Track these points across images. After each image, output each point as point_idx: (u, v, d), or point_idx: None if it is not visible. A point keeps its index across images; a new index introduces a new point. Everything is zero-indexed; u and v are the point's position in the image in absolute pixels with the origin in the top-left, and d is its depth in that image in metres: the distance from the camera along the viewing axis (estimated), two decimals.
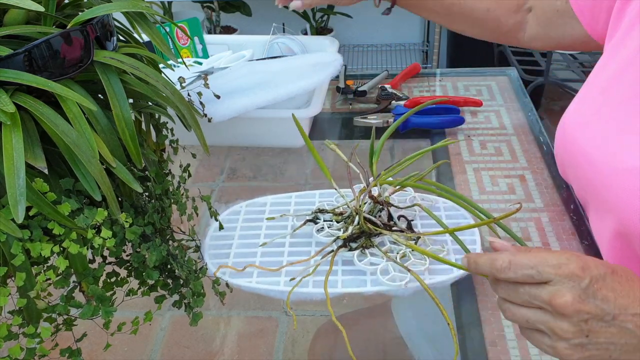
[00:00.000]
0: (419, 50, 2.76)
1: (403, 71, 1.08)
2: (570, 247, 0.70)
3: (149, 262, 0.48)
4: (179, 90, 0.52)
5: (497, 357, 0.58)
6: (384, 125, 0.94)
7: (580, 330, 0.45)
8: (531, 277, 0.46)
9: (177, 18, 2.56)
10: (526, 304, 0.47)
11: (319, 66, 0.90)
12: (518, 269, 0.46)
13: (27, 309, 0.44)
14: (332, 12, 2.63)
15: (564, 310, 0.45)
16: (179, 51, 1.06)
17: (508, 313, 0.49)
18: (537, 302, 0.46)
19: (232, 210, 0.76)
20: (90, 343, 0.52)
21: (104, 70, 0.45)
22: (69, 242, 0.43)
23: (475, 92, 1.04)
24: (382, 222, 0.68)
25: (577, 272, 0.45)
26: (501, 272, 0.47)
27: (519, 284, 0.47)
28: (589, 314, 0.45)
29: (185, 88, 0.60)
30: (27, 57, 0.41)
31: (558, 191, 0.79)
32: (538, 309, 0.47)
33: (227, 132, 0.90)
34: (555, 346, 0.47)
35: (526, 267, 0.46)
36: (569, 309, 0.45)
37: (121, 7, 0.47)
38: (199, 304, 0.54)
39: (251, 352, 0.71)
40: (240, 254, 0.69)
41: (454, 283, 0.65)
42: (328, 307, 0.60)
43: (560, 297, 0.45)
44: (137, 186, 0.45)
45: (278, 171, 0.91)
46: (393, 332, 0.78)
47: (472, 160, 0.87)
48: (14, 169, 0.38)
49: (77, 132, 0.41)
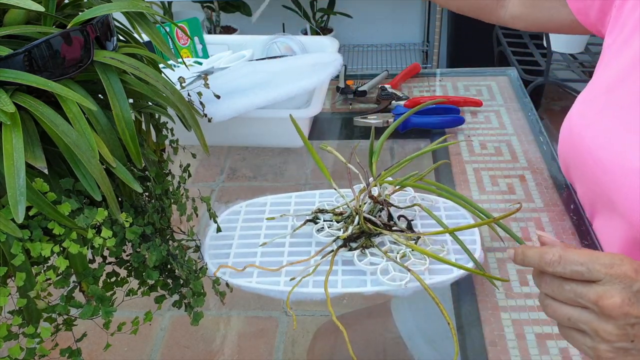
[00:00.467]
0: (419, 50, 2.76)
1: (403, 71, 1.08)
2: None
3: (149, 262, 0.48)
4: (179, 90, 0.52)
5: (497, 357, 0.58)
6: (384, 125, 0.94)
7: (625, 334, 0.44)
8: (580, 274, 0.44)
9: (177, 18, 2.56)
10: (570, 302, 0.46)
11: (319, 66, 0.90)
12: (568, 265, 0.45)
13: (27, 309, 0.44)
14: (332, 12, 2.63)
15: (611, 312, 0.43)
16: (179, 51, 1.06)
17: (549, 309, 0.48)
18: (582, 300, 0.45)
19: (232, 210, 0.76)
20: (90, 343, 0.52)
21: (104, 70, 0.45)
22: (69, 242, 0.43)
23: (475, 92, 1.04)
24: (382, 222, 0.68)
25: (629, 273, 0.44)
26: (549, 266, 0.46)
27: (565, 280, 0.46)
28: (637, 319, 0.43)
29: (185, 88, 0.60)
30: (27, 57, 0.41)
31: (558, 191, 0.79)
32: (583, 308, 0.45)
33: (227, 132, 0.90)
34: (597, 347, 0.45)
35: (576, 264, 0.44)
36: (617, 311, 0.43)
37: (121, 7, 0.47)
38: (199, 303, 0.54)
39: (251, 352, 0.71)
40: (240, 254, 0.69)
41: (454, 283, 0.65)
42: (328, 307, 0.60)
43: (608, 298, 0.43)
44: (137, 186, 0.45)
45: (278, 171, 0.91)
46: (393, 332, 0.78)
47: (472, 160, 0.87)
48: (14, 169, 0.38)
49: (77, 132, 0.41)
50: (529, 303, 0.63)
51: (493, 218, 0.66)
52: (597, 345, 0.45)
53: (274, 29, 2.60)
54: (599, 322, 0.44)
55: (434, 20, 2.54)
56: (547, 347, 0.58)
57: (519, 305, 0.63)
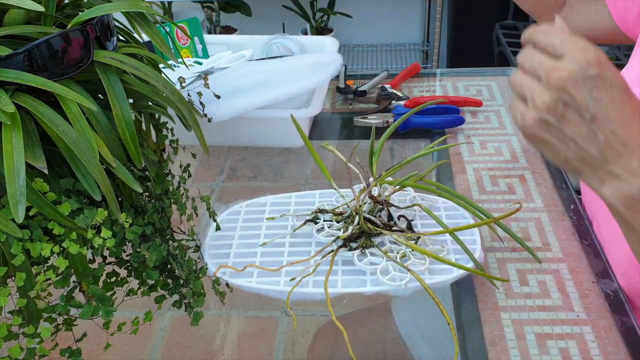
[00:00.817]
0: (419, 50, 2.76)
1: (403, 71, 1.08)
2: (570, 247, 0.70)
3: (149, 262, 0.48)
4: (179, 90, 0.52)
5: (497, 357, 0.58)
6: (384, 125, 0.94)
7: (555, 109, 0.45)
8: (552, 47, 0.46)
9: (177, 18, 2.56)
10: (531, 71, 0.47)
11: (319, 66, 0.90)
12: (549, 35, 0.46)
13: (27, 309, 0.44)
14: (332, 12, 2.63)
15: (554, 82, 0.45)
16: (179, 51, 1.06)
17: (512, 77, 0.50)
18: (539, 70, 0.46)
19: (232, 210, 0.76)
20: (90, 343, 0.52)
21: (104, 70, 0.45)
22: (69, 242, 0.43)
23: (475, 92, 1.04)
24: (382, 222, 0.68)
25: (592, 60, 0.44)
26: (538, 32, 0.48)
27: (538, 52, 0.47)
28: (572, 100, 0.44)
29: (185, 88, 0.60)
30: (27, 57, 0.41)
31: (558, 191, 0.79)
32: (537, 79, 0.47)
33: (227, 132, 0.90)
34: (526, 115, 0.47)
35: (556, 37, 0.46)
36: (559, 83, 0.44)
37: (121, 7, 0.47)
38: (199, 303, 0.54)
39: (251, 352, 0.71)
40: (240, 254, 0.69)
41: (454, 283, 0.65)
42: (328, 307, 0.60)
43: (559, 71, 0.45)
44: (137, 186, 0.45)
45: (278, 171, 0.91)
46: (393, 332, 0.78)
47: (472, 160, 0.87)
48: (14, 169, 0.38)
49: (77, 132, 0.41)
50: (529, 303, 0.63)
51: (493, 218, 0.66)
52: (526, 113, 0.47)
53: (274, 29, 2.60)
54: (540, 89, 0.46)
55: (434, 20, 2.54)
56: (547, 347, 0.58)
57: (519, 305, 0.63)
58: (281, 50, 1.05)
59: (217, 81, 0.86)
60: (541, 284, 0.65)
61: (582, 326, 0.60)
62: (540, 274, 0.66)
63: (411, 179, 0.71)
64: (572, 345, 0.58)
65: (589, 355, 0.57)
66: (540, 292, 0.64)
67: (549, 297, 0.63)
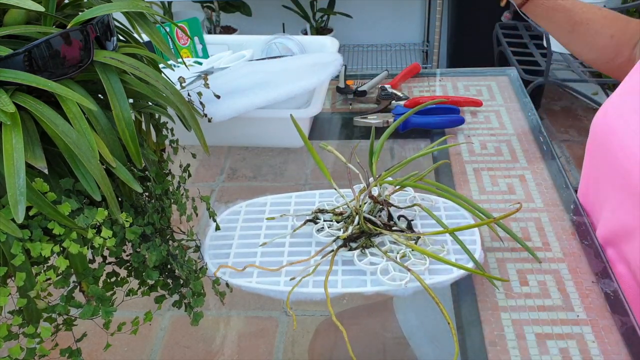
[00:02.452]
0: (419, 50, 2.76)
1: (403, 71, 1.08)
2: (570, 247, 0.70)
3: (149, 262, 0.48)
4: (179, 90, 0.52)
5: (497, 357, 0.58)
6: (384, 125, 0.94)
7: None
8: None
9: (177, 18, 2.56)
10: None
11: (319, 66, 0.90)
12: None
13: (27, 309, 0.44)
14: (332, 12, 2.63)
15: None
16: (179, 51, 1.06)
17: None
18: None
19: (232, 210, 0.76)
20: (90, 343, 0.52)
21: (104, 70, 0.45)
22: (69, 242, 0.43)
23: (475, 92, 1.04)
24: (382, 222, 0.68)
25: None
26: None
27: None
28: None
29: (185, 88, 0.60)
30: (27, 57, 0.41)
31: (558, 191, 0.79)
32: None
33: (227, 132, 0.90)
34: None
35: None
36: None
37: (121, 7, 0.47)
38: (199, 304, 0.54)
39: (251, 352, 0.71)
40: (240, 254, 0.69)
41: (454, 283, 0.65)
42: (328, 307, 0.60)
43: None
44: (137, 186, 0.45)
45: (278, 171, 0.91)
46: (394, 330, 0.78)
47: (472, 160, 0.87)
48: (14, 169, 0.38)
49: (77, 132, 0.41)
50: (529, 303, 0.63)
51: (493, 218, 0.66)
52: None
53: (274, 29, 2.61)
54: None
55: (434, 20, 2.54)
56: (547, 347, 0.58)
57: (519, 305, 0.63)
58: (281, 50, 1.05)
59: (217, 81, 0.86)
60: (541, 284, 0.65)
61: (582, 326, 0.60)
62: (540, 274, 0.66)
63: (411, 179, 0.71)
64: (572, 345, 0.58)
65: (589, 355, 0.57)
66: (540, 292, 0.64)
67: (549, 297, 0.63)
